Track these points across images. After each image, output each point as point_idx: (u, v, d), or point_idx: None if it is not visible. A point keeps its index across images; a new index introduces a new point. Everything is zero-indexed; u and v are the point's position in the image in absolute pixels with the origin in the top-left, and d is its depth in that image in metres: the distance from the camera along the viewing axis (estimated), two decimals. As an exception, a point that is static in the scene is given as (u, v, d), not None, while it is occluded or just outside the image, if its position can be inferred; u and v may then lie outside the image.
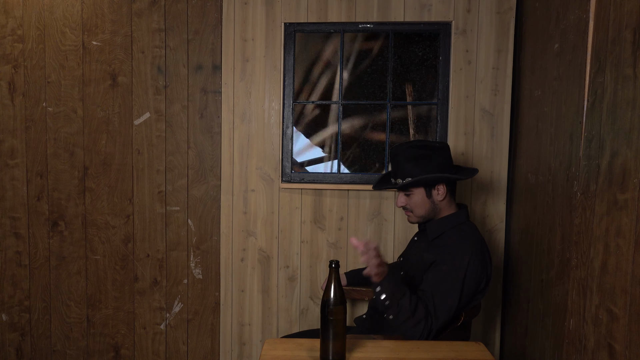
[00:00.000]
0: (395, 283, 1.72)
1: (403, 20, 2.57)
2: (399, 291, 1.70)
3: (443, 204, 1.95)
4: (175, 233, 2.77)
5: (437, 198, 1.93)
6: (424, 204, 1.93)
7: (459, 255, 1.81)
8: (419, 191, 1.93)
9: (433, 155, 1.92)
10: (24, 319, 2.85)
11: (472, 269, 1.80)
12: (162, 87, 2.71)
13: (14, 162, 2.77)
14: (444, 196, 1.93)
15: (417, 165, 1.90)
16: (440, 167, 1.91)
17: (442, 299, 1.76)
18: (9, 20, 2.71)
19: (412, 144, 1.97)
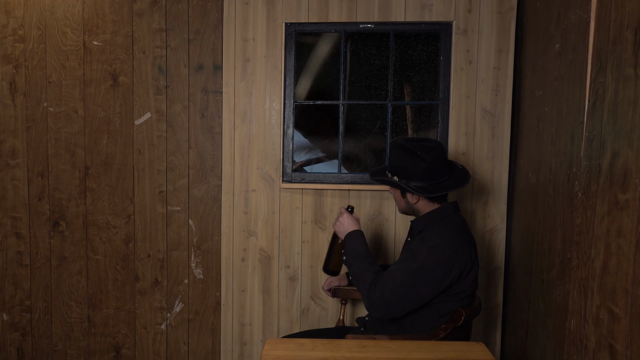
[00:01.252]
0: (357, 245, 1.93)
1: (404, 20, 2.57)
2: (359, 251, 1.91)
3: (419, 205, 1.98)
4: (176, 233, 2.77)
5: (411, 201, 1.98)
6: (400, 202, 2.04)
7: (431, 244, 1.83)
8: (396, 190, 2.02)
9: (417, 162, 1.89)
10: (25, 318, 2.85)
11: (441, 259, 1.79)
12: (163, 87, 2.71)
13: (15, 162, 2.78)
14: (416, 200, 1.96)
15: (400, 167, 1.94)
16: (421, 173, 1.89)
17: (400, 277, 1.79)
18: (10, 20, 2.72)
19: (405, 145, 1.94)
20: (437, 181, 1.92)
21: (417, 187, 1.90)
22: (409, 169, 1.91)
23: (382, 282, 1.79)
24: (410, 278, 1.78)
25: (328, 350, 1.61)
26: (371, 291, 1.80)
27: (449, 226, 1.87)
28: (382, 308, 1.79)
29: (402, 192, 1.99)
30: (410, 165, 1.91)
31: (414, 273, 1.79)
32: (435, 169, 1.91)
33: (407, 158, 1.92)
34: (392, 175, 1.98)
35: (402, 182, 1.92)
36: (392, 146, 2.02)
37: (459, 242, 1.84)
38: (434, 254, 1.80)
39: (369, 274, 1.84)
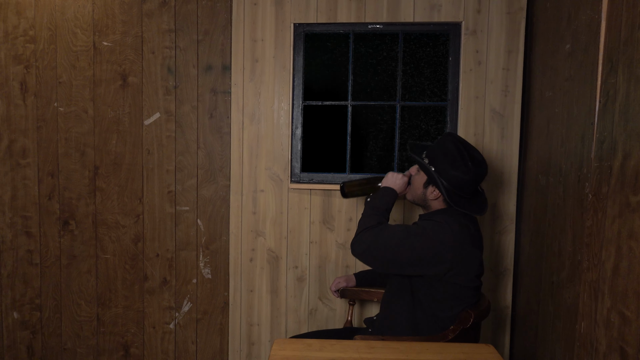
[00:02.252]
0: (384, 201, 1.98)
1: (413, 21, 2.57)
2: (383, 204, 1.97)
3: (433, 203, 1.97)
4: (184, 233, 2.78)
5: (429, 195, 1.95)
6: (417, 188, 2.00)
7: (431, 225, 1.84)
8: (422, 176, 1.98)
9: (462, 169, 1.86)
10: (35, 317, 2.88)
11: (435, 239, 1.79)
12: (172, 87, 2.72)
13: (25, 162, 2.80)
14: (435, 198, 1.95)
15: (442, 161, 1.89)
16: (458, 181, 1.86)
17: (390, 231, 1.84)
18: (21, 21, 2.74)
19: (460, 146, 1.90)
20: (463, 195, 1.91)
21: (446, 189, 1.88)
22: (450, 169, 1.86)
23: (376, 229, 1.87)
24: (397, 235, 1.82)
25: (336, 351, 1.61)
26: (365, 231, 1.87)
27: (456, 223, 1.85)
28: (362, 248, 1.85)
29: (427, 182, 1.95)
30: (453, 166, 1.86)
31: (403, 233, 1.82)
32: (470, 184, 1.88)
33: (456, 159, 1.87)
34: (428, 162, 1.93)
35: (436, 175, 1.89)
36: (447, 137, 1.95)
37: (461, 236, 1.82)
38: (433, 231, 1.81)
39: (374, 220, 1.91)
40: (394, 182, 2.04)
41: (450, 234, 1.79)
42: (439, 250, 1.79)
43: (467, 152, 1.89)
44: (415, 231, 1.83)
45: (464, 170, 1.85)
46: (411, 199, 2.06)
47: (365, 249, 1.85)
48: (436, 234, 1.80)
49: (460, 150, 1.89)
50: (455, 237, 1.80)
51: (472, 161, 1.87)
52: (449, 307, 1.86)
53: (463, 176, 1.85)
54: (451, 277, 1.82)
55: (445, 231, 1.80)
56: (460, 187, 1.87)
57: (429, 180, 1.94)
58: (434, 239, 1.79)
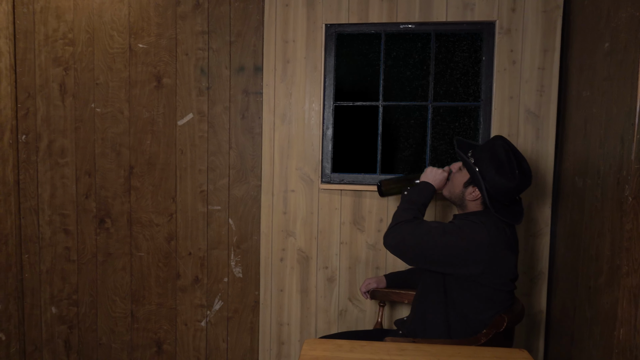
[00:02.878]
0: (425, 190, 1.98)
1: (445, 20, 2.54)
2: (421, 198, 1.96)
3: (471, 205, 1.94)
4: (216, 232, 2.81)
5: (467, 195, 1.92)
6: (457, 186, 1.97)
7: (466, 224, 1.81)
8: (464, 175, 1.94)
9: (507, 176, 1.82)
10: (72, 312, 2.96)
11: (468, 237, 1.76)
12: (204, 88, 2.76)
13: (64, 161, 2.88)
14: (474, 199, 1.92)
15: (487, 164, 1.85)
16: (501, 187, 1.83)
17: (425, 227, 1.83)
18: (61, 25, 2.82)
19: (509, 152, 1.87)
20: (502, 201, 1.88)
21: (488, 192, 1.85)
22: (495, 174, 1.83)
23: (411, 223, 1.85)
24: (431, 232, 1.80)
25: (367, 352, 1.60)
26: (399, 225, 1.87)
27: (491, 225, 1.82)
28: (394, 241, 1.85)
29: (468, 181, 1.92)
30: (498, 172, 1.83)
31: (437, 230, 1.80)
32: (512, 193, 1.85)
33: (503, 165, 1.83)
34: (474, 162, 1.89)
35: (479, 177, 1.86)
36: (497, 140, 1.91)
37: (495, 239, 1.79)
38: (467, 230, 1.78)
39: (410, 214, 1.90)
40: (433, 177, 2.02)
41: (486, 235, 1.77)
42: (473, 251, 1.76)
43: (516, 160, 1.86)
44: (450, 229, 1.81)
45: (509, 178, 1.82)
46: (448, 196, 2.03)
47: (398, 242, 1.84)
48: (472, 233, 1.77)
49: (509, 156, 1.85)
50: (491, 238, 1.77)
51: (519, 170, 1.84)
52: (481, 310, 1.83)
53: (507, 183, 1.82)
54: (484, 279, 1.79)
55: (481, 232, 1.77)
56: (502, 194, 1.84)
57: (471, 181, 1.91)
58: (469, 239, 1.77)
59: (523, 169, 1.85)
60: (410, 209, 1.93)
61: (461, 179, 1.95)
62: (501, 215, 1.85)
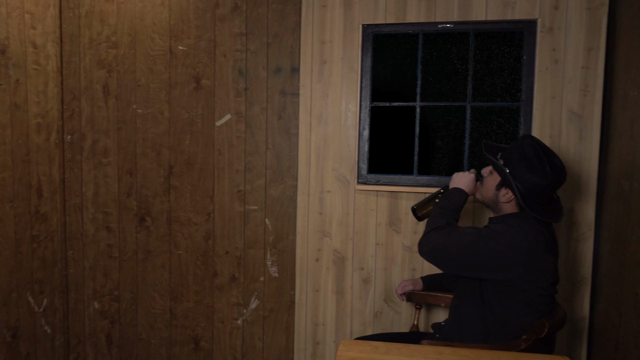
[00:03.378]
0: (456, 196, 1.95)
1: (485, 19, 2.49)
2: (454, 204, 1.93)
3: (505, 206, 1.90)
4: (252, 231, 2.84)
5: (501, 198, 1.89)
6: (489, 190, 1.95)
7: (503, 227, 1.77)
8: (497, 177, 1.92)
9: (539, 173, 1.79)
10: (114, 307, 3.04)
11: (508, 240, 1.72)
12: (242, 89, 2.79)
13: (107, 161, 2.97)
14: (507, 201, 1.88)
15: (517, 164, 1.82)
16: (530, 184, 1.79)
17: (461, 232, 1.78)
18: (104, 28, 2.90)
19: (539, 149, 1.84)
20: (537, 201, 1.84)
21: (521, 192, 1.82)
22: (526, 173, 1.80)
23: (447, 229, 1.81)
24: (467, 237, 1.77)
25: (403, 355, 1.59)
26: (435, 231, 1.82)
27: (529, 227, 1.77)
28: (430, 247, 1.81)
29: (500, 183, 1.89)
30: (529, 170, 1.80)
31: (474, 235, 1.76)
32: (546, 190, 1.81)
33: (534, 163, 1.80)
34: (503, 164, 1.87)
35: (510, 177, 1.83)
36: (525, 140, 1.88)
37: (534, 241, 1.74)
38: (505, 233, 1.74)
39: (445, 220, 1.87)
40: (461, 182, 2.00)
41: (524, 238, 1.73)
42: (510, 255, 1.73)
43: (547, 157, 1.81)
44: (486, 234, 1.78)
45: (541, 175, 1.78)
46: (481, 200, 2.00)
47: (433, 249, 1.81)
48: (508, 237, 1.74)
49: (539, 154, 1.81)
50: (529, 241, 1.73)
51: (550, 166, 1.79)
52: (520, 315, 1.79)
53: (539, 181, 1.78)
54: (524, 283, 1.75)
55: (518, 235, 1.73)
56: (535, 192, 1.80)
57: (502, 182, 1.88)
58: (506, 243, 1.73)
59: (554, 165, 1.81)
60: (443, 215, 1.90)
61: (493, 182, 1.93)
62: (537, 214, 1.81)
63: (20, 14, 2.61)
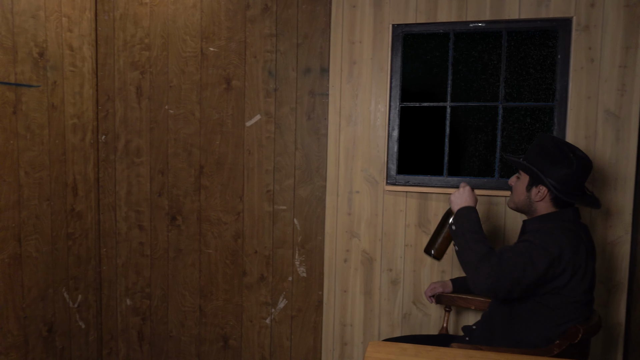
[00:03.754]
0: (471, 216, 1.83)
1: (518, 18, 2.45)
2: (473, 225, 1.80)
3: (540, 206, 1.86)
4: (281, 231, 2.86)
5: (534, 197, 1.86)
6: (520, 193, 1.91)
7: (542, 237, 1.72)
8: (524, 179, 1.89)
9: (564, 163, 1.78)
10: (145, 304, 3.10)
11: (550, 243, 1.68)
12: (272, 90, 2.81)
13: (139, 160, 3.03)
14: (541, 198, 1.84)
15: (541, 160, 1.82)
16: (562, 176, 1.78)
17: (510, 254, 1.70)
18: (138, 30, 2.96)
19: (558, 142, 1.84)
20: (573, 193, 1.80)
21: (552, 184, 1.79)
22: (552, 167, 1.80)
23: (494, 256, 1.70)
24: (520, 258, 1.69)
25: (432, 358, 1.57)
26: (483, 262, 1.69)
27: (567, 230, 1.74)
28: (489, 282, 1.67)
29: (529, 183, 1.87)
30: (554, 163, 1.79)
31: (523, 253, 1.70)
32: (576, 178, 1.79)
33: (556, 155, 1.80)
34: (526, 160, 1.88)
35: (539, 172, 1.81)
36: (541, 138, 1.90)
37: (575, 245, 1.71)
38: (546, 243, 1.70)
39: (482, 246, 1.73)
40: (463, 199, 1.90)
41: (566, 243, 1.69)
42: (558, 264, 1.69)
43: (567, 147, 1.81)
44: (531, 249, 1.70)
45: (566, 164, 1.78)
46: (514, 207, 1.95)
47: (494, 282, 1.67)
48: (553, 247, 1.69)
49: (559, 146, 1.82)
50: (572, 247, 1.70)
51: (573, 154, 1.79)
52: (554, 320, 1.75)
53: (566, 170, 1.77)
54: (569, 290, 1.72)
55: (561, 242, 1.69)
56: (566, 183, 1.79)
57: (532, 181, 1.86)
58: (552, 254, 1.68)
59: (576, 154, 1.80)
60: (476, 240, 1.77)
61: (522, 185, 1.90)
62: (578, 202, 1.79)
63: (57, 18, 2.69)
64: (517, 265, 1.68)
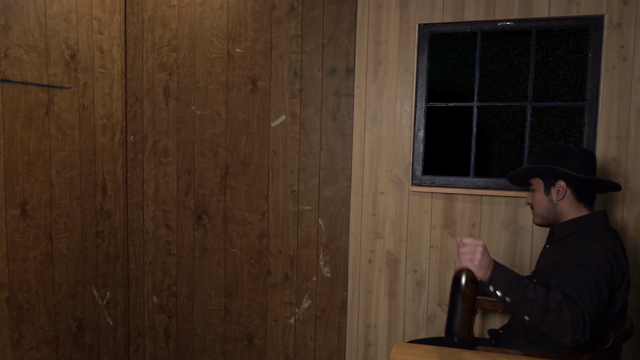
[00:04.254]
0: (508, 274, 1.52)
1: (547, 16, 2.41)
2: (517, 282, 1.50)
3: (564, 206, 1.82)
4: (306, 231, 2.87)
5: (555, 197, 1.82)
6: (541, 200, 1.86)
7: (586, 251, 1.65)
8: (539, 186, 1.87)
9: (570, 153, 1.80)
10: (171, 302, 3.14)
11: (602, 263, 1.61)
12: (297, 90, 2.82)
13: (166, 160, 3.07)
14: (563, 195, 1.80)
15: (546, 157, 1.84)
16: (574, 165, 1.79)
17: (580, 286, 1.55)
18: (166, 32, 3.01)
19: (559, 143, 1.88)
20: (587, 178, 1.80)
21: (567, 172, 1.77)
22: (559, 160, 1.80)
23: (571, 303, 1.50)
24: (591, 292, 1.56)
25: (458, 361, 1.56)
26: (572, 313, 1.48)
27: (600, 238, 1.70)
28: (588, 327, 1.49)
29: (546, 187, 1.84)
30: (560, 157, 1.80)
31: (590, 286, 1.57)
32: (585, 162, 1.80)
33: (559, 152, 1.82)
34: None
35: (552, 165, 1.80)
36: (542, 147, 1.91)
37: (617, 256, 1.67)
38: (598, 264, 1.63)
39: (550, 299, 1.50)
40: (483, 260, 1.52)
41: (612, 258, 1.64)
42: (613, 283, 1.65)
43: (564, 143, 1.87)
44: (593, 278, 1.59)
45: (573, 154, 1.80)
46: (540, 220, 1.90)
47: (590, 327, 1.51)
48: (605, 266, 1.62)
49: (559, 145, 1.85)
50: (616, 259, 1.66)
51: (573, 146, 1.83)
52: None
53: (575, 158, 1.79)
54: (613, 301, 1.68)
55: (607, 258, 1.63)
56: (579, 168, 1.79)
57: (548, 183, 1.84)
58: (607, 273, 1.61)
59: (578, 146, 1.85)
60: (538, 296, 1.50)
61: (539, 193, 1.88)
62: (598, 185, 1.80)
63: (88, 20, 2.74)
64: (593, 302, 1.55)
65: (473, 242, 1.51)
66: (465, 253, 1.51)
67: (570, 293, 1.54)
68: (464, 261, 1.50)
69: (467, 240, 1.52)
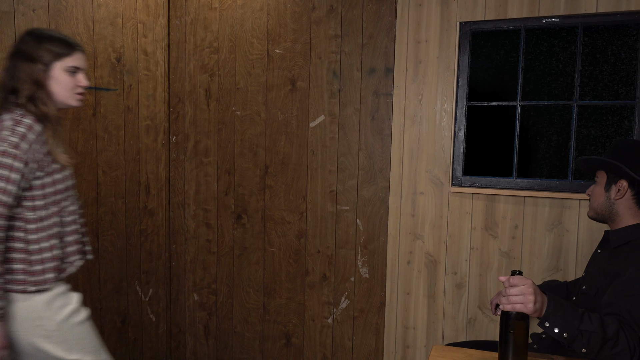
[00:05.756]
0: (564, 308, 1.42)
1: (595, 12, 2.33)
2: (572, 316, 1.41)
3: (621, 207, 1.73)
4: (344, 232, 2.86)
5: (614, 195, 1.73)
6: (599, 195, 1.78)
7: None
8: (602, 180, 1.78)
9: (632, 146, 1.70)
10: (211, 300, 3.20)
11: None
12: (336, 90, 2.82)
13: (207, 160, 3.13)
14: (622, 196, 1.71)
15: (620, 155, 1.71)
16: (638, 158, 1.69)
17: (637, 308, 1.49)
18: (207, 35, 3.06)
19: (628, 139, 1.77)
20: None
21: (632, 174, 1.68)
22: (631, 159, 1.69)
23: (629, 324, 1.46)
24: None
25: (499, 365, 1.52)
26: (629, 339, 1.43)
27: None
28: None
29: (607, 182, 1.76)
30: (634, 157, 1.69)
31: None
32: None
33: (635, 149, 1.71)
34: None
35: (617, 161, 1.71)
36: (618, 140, 1.81)
37: None
38: None
39: (612, 324, 1.43)
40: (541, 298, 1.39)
41: None
42: None
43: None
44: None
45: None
46: (594, 214, 1.83)
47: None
48: None
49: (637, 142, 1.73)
50: None
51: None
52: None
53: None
54: None
55: None
56: None
57: (611, 179, 1.75)
58: None
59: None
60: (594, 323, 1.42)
61: (600, 187, 1.79)
62: None
63: (133, 24, 2.83)
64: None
65: (522, 283, 1.37)
66: (515, 295, 1.37)
67: (625, 317, 1.48)
68: (517, 307, 1.37)
69: (515, 280, 1.38)
